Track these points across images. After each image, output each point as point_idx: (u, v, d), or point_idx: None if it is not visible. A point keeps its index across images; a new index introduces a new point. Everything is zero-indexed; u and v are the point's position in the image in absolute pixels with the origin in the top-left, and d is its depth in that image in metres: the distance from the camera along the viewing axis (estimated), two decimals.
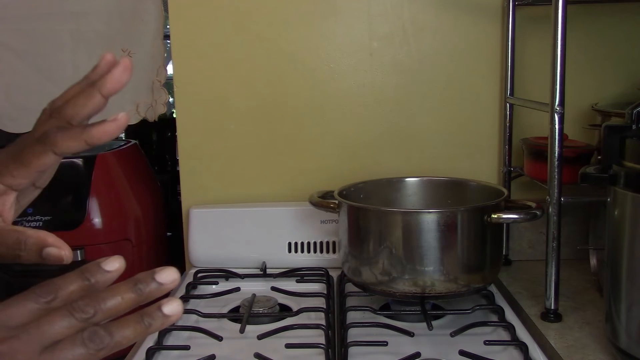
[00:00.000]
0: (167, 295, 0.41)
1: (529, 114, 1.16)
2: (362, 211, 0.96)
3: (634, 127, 0.72)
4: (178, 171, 1.26)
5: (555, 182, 0.87)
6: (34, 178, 0.48)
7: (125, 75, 0.46)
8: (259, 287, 1.08)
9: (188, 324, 0.94)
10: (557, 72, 0.84)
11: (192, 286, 1.10)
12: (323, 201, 1.01)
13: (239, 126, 1.23)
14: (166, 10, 1.28)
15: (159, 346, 0.86)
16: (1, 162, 0.47)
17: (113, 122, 0.45)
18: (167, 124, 1.73)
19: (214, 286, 1.10)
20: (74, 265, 0.64)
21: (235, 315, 0.98)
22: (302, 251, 1.17)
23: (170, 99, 1.31)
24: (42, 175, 0.48)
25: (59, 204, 1.18)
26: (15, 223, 0.51)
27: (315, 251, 1.17)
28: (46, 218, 1.15)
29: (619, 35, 1.17)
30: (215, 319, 0.96)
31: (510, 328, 0.88)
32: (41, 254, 0.45)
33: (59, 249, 0.46)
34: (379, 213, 0.94)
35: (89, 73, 0.48)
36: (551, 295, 0.89)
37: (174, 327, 0.92)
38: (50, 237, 0.45)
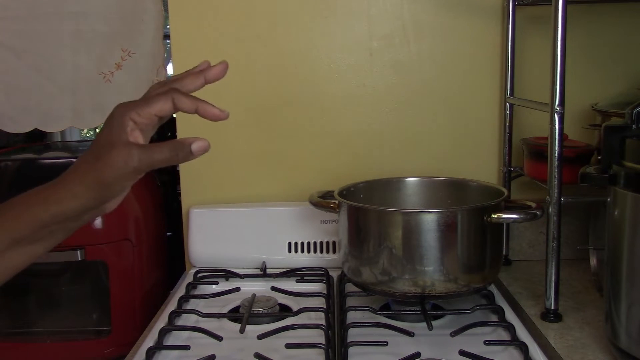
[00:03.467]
0: None
1: (529, 114, 1.16)
2: (362, 211, 0.96)
3: (634, 127, 0.72)
4: (178, 171, 1.26)
5: (555, 182, 0.87)
6: (153, 120, 0.62)
7: (223, 73, 0.68)
8: (259, 287, 1.08)
9: (188, 324, 0.94)
10: (557, 72, 0.84)
11: (192, 286, 1.10)
12: (323, 201, 1.01)
13: (238, 126, 1.23)
14: (166, 10, 1.28)
15: (159, 346, 0.86)
16: (132, 105, 0.61)
17: (213, 107, 0.64)
18: (167, 124, 1.72)
19: (214, 286, 1.10)
20: (74, 264, 0.65)
21: (235, 315, 0.98)
22: (302, 251, 1.17)
23: None
24: (159, 120, 0.63)
25: None
26: None
27: (315, 251, 1.17)
28: None
29: (619, 35, 1.17)
30: (215, 319, 0.96)
31: (510, 328, 0.88)
32: (191, 150, 0.60)
33: (201, 141, 0.61)
34: (379, 213, 0.94)
35: (194, 68, 0.66)
36: (551, 295, 0.89)
37: (174, 327, 0.92)
38: (193, 137, 0.61)
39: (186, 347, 0.86)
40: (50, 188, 0.60)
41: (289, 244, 1.17)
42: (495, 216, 0.90)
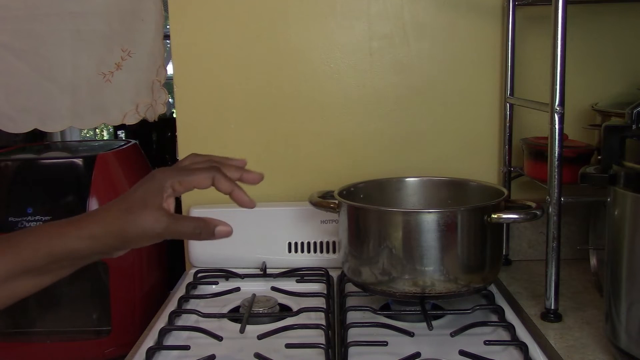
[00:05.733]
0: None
1: (529, 114, 1.16)
2: (362, 211, 0.96)
3: (634, 127, 0.72)
4: None
5: (555, 182, 0.87)
6: (189, 190, 0.65)
7: (258, 181, 0.73)
8: (259, 287, 1.08)
9: (188, 324, 0.94)
10: (557, 72, 0.84)
11: (192, 286, 1.10)
12: (323, 201, 1.01)
13: (239, 126, 1.23)
14: (166, 10, 1.28)
15: (159, 346, 0.86)
16: (175, 172, 0.64)
17: (245, 195, 0.68)
18: (167, 124, 1.73)
19: (214, 286, 1.10)
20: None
21: (235, 315, 0.98)
22: (302, 251, 1.17)
23: (170, 99, 1.31)
24: (190, 190, 0.65)
25: (59, 204, 1.18)
26: (14, 222, 0.61)
27: (315, 251, 1.17)
28: (46, 218, 1.15)
29: (619, 35, 1.17)
30: (215, 319, 0.96)
31: (510, 328, 0.88)
32: (214, 232, 0.63)
33: (225, 226, 0.63)
34: (379, 213, 0.94)
35: (233, 159, 0.71)
36: (551, 295, 0.90)
37: (174, 327, 0.92)
38: (218, 220, 0.64)
39: (186, 347, 0.86)
40: (71, 224, 0.61)
41: (289, 244, 1.17)
42: (495, 216, 0.90)
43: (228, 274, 1.13)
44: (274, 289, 1.04)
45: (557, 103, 0.85)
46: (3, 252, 0.59)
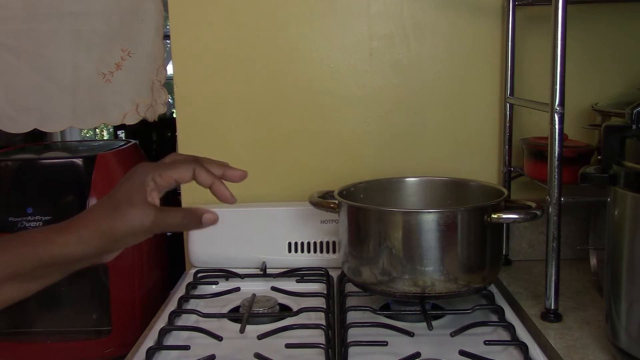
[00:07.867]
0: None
1: (529, 114, 1.16)
2: (362, 211, 0.96)
3: (634, 127, 0.72)
4: None
5: (555, 182, 0.87)
6: (171, 184, 0.64)
7: (240, 179, 0.67)
8: (259, 287, 1.08)
9: (188, 324, 0.94)
10: (557, 72, 0.84)
11: (192, 286, 1.10)
12: (323, 201, 1.01)
13: (238, 126, 1.23)
14: (166, 10, 1.28)
15: (159, 346, 0.86)
16: (155, 166, 0.63)
17: (226, 189, 0.65)
18: (167, 124, 1.73)
19: (214, 286, 1.10)
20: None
21: (235, 315, 0.98)
22: (302, 251, 1.17)
23: (170, 99, 1.31)
24: (176, 183, 0.65)
25: (59, 204, 1.18)
26: (14, 222, 0.60)
27: (315, 251, 1.17)
28: (46, 218, 1.15)
29: (619, 35, 1.17)
30: (215, 319, 0.96)
31: (510, 328, 0.88)
32: (201, 220, 0.62)
33: (211, 214, 0.63)
34: (379, 213, 0.94)
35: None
36: (551, 295, 0.90)
37: (174, 327, 0.92)
38: (204, 209, 0.63)
39: (186, 347, 0.86)
40: (58, 229, 0.60)
41: (289, 244, 1.17)
42: (495, 216, 0.90)
43: (228, 274, 1.13)
44: (274, 289, 1.04)
45: (557, 103, 0.85)
46: None
